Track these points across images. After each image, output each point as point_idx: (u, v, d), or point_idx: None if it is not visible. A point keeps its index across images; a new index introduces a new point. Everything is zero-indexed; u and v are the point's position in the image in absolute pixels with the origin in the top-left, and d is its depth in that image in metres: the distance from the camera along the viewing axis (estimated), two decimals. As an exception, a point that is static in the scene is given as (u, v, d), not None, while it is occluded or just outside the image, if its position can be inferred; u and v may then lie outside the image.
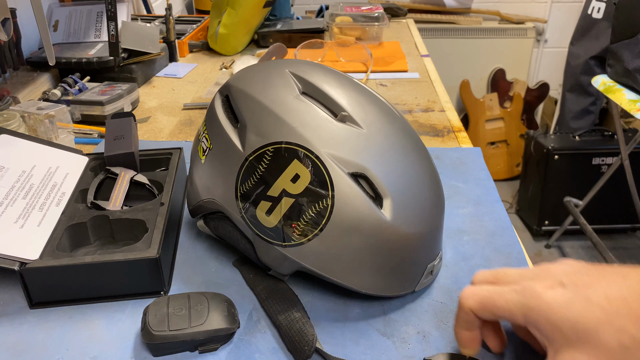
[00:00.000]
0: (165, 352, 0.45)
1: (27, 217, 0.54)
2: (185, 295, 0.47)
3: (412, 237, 0.47)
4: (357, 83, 0.51)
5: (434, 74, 1.18)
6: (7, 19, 0.85)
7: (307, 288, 0.53)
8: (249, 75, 0.52)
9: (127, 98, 0.95)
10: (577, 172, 2.05)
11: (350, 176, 0.45)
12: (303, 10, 2.34)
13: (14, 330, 0.49)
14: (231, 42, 1.30)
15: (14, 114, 0.75)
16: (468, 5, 2.57)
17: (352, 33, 1.37)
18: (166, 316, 0.45)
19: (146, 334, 0.44)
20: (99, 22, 1.13)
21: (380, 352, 0.46)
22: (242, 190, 0.48)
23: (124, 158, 0.64)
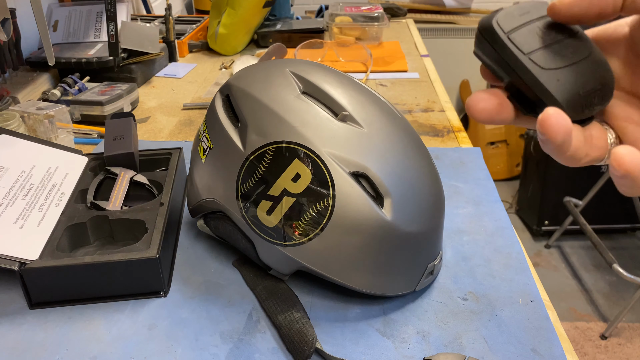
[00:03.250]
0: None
1: (26, 217, 0.54)
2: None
3: (412, 236, 0.47)
4: (357, 83, 0.51)
5: (434, 74, 1.18)
6: (7, 19, 0.84)
7: (307, 288, 0.53)
8: (250, 74, 0.52)
9: (126, 98, 0.95)
10: (576, 172, 2.05)
11: (351, 175, 0.45)
12: (303, 10, 2.34)
13: (14, 330, 0.49)
14: (231, 42, 1.30)
15: (14, 114, 0.75)
16: (468, 5, 2.57)
17: (352, 33, 1.37)
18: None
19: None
20: (98, 22, 1.13)
21: (380, 352, 0.46)
22: (242, 189, 0.48)
23: (124, 158, 0.64)
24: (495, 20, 0.28)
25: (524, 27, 0.28)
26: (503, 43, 0.27)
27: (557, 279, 1.96)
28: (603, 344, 1.67)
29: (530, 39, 0.27)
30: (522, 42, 0.27)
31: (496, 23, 0.28)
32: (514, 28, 0.28)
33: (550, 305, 0.52)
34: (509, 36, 0.27)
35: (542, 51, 0.27)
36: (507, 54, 0.27)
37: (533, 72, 0.27)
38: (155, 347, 0.47)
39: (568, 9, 0.27)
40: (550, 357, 0.45)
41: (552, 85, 0.27)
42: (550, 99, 0.27)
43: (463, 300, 0.51)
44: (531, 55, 0.27)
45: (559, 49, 0.28)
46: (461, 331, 0.48)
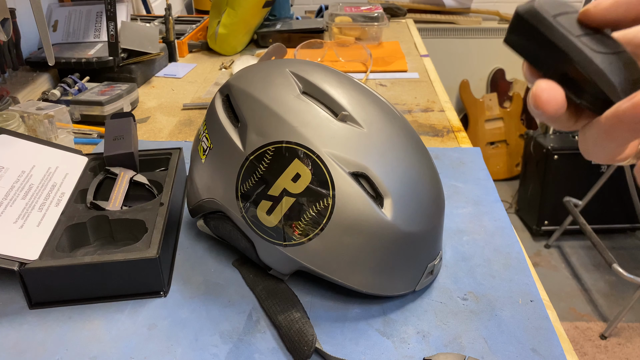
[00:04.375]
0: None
1: (26, 217, 0.54)
2: None
3: (412, 236, 0.47)
4: (357, 83, 0.51)
5: (434, 74, 1.18)
6: (7, 19, 0.84)
7: (307, 288, 0.53)
8: (250, 74, 0.52)
9: (126, 98, 0.95)
10: (576, 172, 2.05)
11: (351, 175, 0.45)
12: (302, 10, 2.34)
13: (14, 330, 0.49)
14: (231, 42, 1.30)
15: (14, 114, 0.75)
16: (467, 5, 2.57)
17: (352, 33, 1.37)
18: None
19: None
20: (98, 22, 1.13)
21: (380, 352, 0.46)
22: (242, 189, 0.48)
23: (124, 158, 0.64)
24: (537, 3, 0.27)
25: (564, 15, 0.27)
26: (551, 24, 0.26)
27: (557, 279, 1.96)
28: (603, 343, 1.67)
29: (575, 25, 0.27)
30: (569, 26, 0.26)
31: (540, 7, 0.27)
32: (557, 14, 0.27)
33: (550, 305, 0.52)
34: (556, 19, 0.26)
35: (590, 37, 0.26)
36: (557, 35, 0.26)
37: (587, 52, 0.26)
38: (155, 347, 0.47)
39: (603, 15, 0.26)
40: (550, 357, 0.45)
41: (606, 67, 0.26)
42: (605, 82, 0.26)
43: (463, 300, 0.51)
44: (582, 38, 0.26)
45: (600, 38, 0.27)
46: (461, 331, 0.48)
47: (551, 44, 0.26)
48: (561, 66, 0.26)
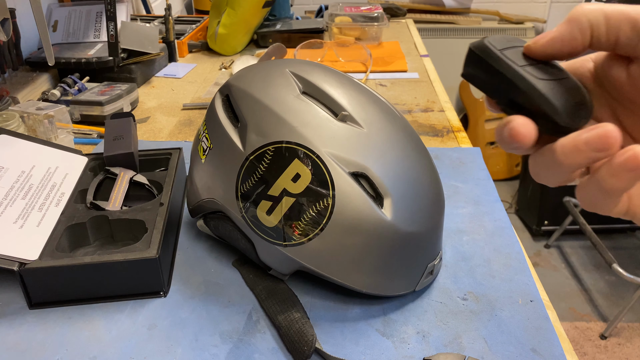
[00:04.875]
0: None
1: (26, 217, 0.54)
2: None
3: (412, 236, 0.47)
4: (357, 83, 0.51)
5: (434, 74, 1.18)
6: (7, 19, 0.84)
7: (307, 288, 0.53)
8: (250, 74, 0.52)
9: (126, 98, 0.95)
10: (576, 172, 2.05)
11: (351, 175, 0.45)
12: (302, 11, 2.34)
13: (14, 330, 0.49)
14: (230, 42, 1.30)
15: (13, 114, 0.75)
16: (467, 5, 2.57)
17: (352, 33, 1.37)
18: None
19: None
20: (98, 22, 1.13)
21: (380, 352, 0.46)
22: (242, 189, 0.48)
23: (124, 158, 0.64)
24: (487, 41, 0.30)
25: (511, 48, 0.30)
26: (498, 57, 0.29)
27: (557, 279, 1.96)
28: (603, 343, 1.67)
29: (520, 57, 0.30)
30: (514, 57, 0.30)
31: (489, 43, 0.30)
32: (504, 48, 0.30)
33: (550, 305, 0.52)
34: (502, 52, 0.30)
35: (533, 66, 0.29)
36: (504, 66, 0.29)
37: (530, 80, 0.28)
38: (155, 347, 0.47)
39: (543, 50, 0.29)
40: (550, 357, 0.45)
41: (549, 92, 0.28)
42: (549, 105, 0.28)
43: (463, 300, 0.51)
44: (525, 68, 0.29)
45: (544, 67, 0.30)
46: (461, 331, 0.48)
47: (499, 74, 0.29)
48: (510, 94, 0.29)
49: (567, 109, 0.28)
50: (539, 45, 0.29)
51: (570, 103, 0.29)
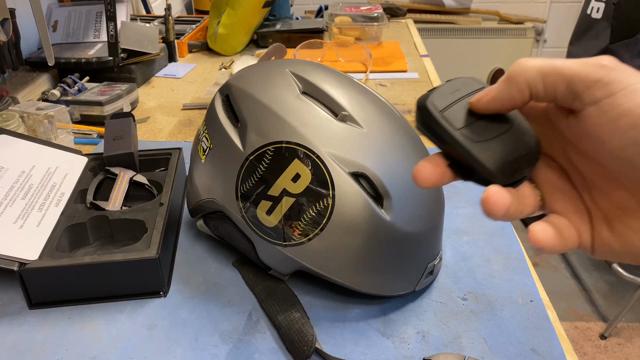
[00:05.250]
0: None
1: (26, 217, 0.54)
2: None
3: (412, 236, 0.47)
4: (357, 83, 0.51)
5: (434, 74, 1.18)
6: (7, 19, 0.84)
7: (307, 288, 0.53)
8: (250, 74, 0.52)
9: (126, 98, 0.95)
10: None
11: (351, 175, 0.45)
12: (302, 11, 2.34)
13: (13, 330, 0.49)
14: (230, 42, 1.30)
15: (13, 114, 0.75)
16: (467, 5, 2.57)
17: (352, 33, 1.37)
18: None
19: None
20: (98, 22, 1.13)
21: (380, 352, 0.46)
22: (242, 189, 0.48)
23: (123, 158, 0.64)
24: (429, 100, 0.31)
25: (454, 104, 0.31)
26: (437, 121, 0.31)
27: (557, 279, 1.96)
28: (603, 343, 1.67)
29: (461, 115, 0.31)
30: (453, 118, 0.31)
31: (430, 103, 0.31)
32: (446, 107, 0.31)
33: (550, 305, 0.52)
34: (442, 114, 0.31)
35: (472, 126, 0.31)
36: (442, 130, 0.30)
37: (465, 145, 0.30)
38: (155, 347, 0.47)
39: (486, 107, 0.30)
40: (550, 357, 0.45)
41: (482, 156, 0.30)
42: (482, 168, 0.30)
43: (463, 300, 0.51)
44: (462, 131, 0.30)
45: (486, 123, 0.31)
46: (461, 331, 0.48)
47: (439, 136, 0.31)
48: (452, 153, 0.31)
49: (502, 169, 0.30)
50: (482, 104, 0.31)
51: (507, 161, 0.30)
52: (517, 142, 0.31)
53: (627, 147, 0.27)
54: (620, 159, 0.27)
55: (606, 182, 0.30)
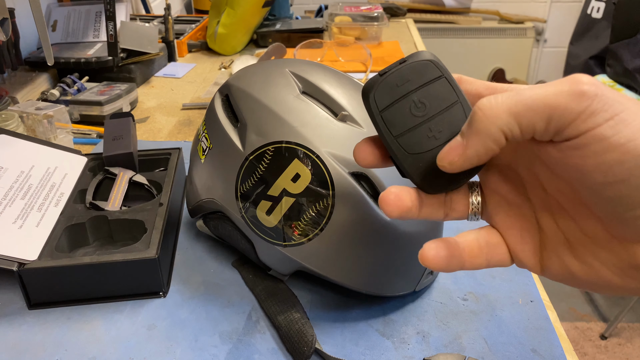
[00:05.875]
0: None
1: (25, 217, 0.54)
2: None
3: (412, 236, 0.47)
4: (357, 83, 0.51)
5: (434, 74, 1.18)
6: (6, 18, 0.84)
7: (307, 288, 0.53)
8: (249, 74, 0.52)
9: (125, 98, 0.95)
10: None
11: (351, 176, 0.45)
12: (302, 10, 2.34)
13: (13, 330, 0.49)
14: (230, 42, 1.30)
15: (13, 114, 0.74)
16: (467, 5, 2.57)
17: (352, 33, 1.37)
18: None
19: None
20: (97, 22, 1.13)
21: (380, 353, 0.46)
22: (242, 189, 0.47)
23: (123, 158, 0.64)
24: (372, 95, 0.29)
25: (398, 102, 0.29)
26: (376, 122, 0.29)
27: (557, 279, 1.96)
28: (603, 344, 1.67)
29: (401, 118, 0.29)
30: (393, 122, 0.29)
31: (372, 99, 0.29)
32: (388, 105, 0.29)
33: (550, 305, 0.52)
34: (382, 115, 0.29)
35: (410, 134, 0.29)
36: (380, 133, 0.29)
37: (399, 156, 0.29)
38: (154, 347, 0.47)
39: (461, 167, 0.28)
40: (550, 357, 0.45)
41: (414, 169, 0.29)
42: (413, 180, 0.30)
43: (463, 301, 0.51)
44: (399, 139, 0.29)
45: (427, 129, 0.29)
46: (461, 331, 0.48)
47: (378, 133, 0.30)
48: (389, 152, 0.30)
49: (433, 184, 0.29)
50: (456, 166, 0.27)
51: (441, 175, 0.29)
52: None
53: (610, 184, 0.24)
54: (600, 194, 0.25)
55: (576, 208, 0.27)
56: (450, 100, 0.29)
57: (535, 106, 0.25)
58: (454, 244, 0.29)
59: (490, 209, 0.31)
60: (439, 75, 0.29)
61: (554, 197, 0.28)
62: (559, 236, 0.29)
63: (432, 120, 0.29)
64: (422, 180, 0.29)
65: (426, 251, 0.29)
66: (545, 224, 0.29)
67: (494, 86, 0.30)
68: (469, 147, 0.26)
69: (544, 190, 0.29)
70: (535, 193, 0.29)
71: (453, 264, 0.29)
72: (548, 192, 0.29)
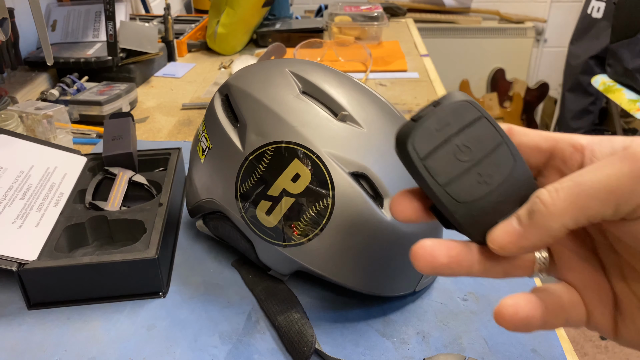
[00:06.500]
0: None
1: (25, 217, 0.54)
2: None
3: (412, 236, 0.47)
4: (357, 82, 0.51)
5: (434, 74, 1.18)
6: (5, 18, 0.84)
7: (307, 288, 0.53)
8: (249, 74, 0.52)
9: (125, 98, 0.95)
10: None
11: (351, 176, 0.45)
12: (302, 10, 2.33)
13: (12, 331, 0.49)
14: (230, 42, 1.30)
15: (12, 114, 0.74)
16: (468, 5, 2.57)
17: (352, 33, 1.37)
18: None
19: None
20: (97, 22, 1.13)
21: (380, 353, 0.46)
22: (242, 189, 0.47)
23: (123, 158, 0.64)
24: (410, 141, 0.26)
25: (441, 148, 0.26)
26: (418, 172, 0.26)
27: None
28: (603, 344, 1.67)
29: (447, 164, 0.26)
30: (437, 170, 0.26)
31: (411, 146, 0.26)
32: (430, 152, 0.26)
33: (551, 306, 0.51)
34: (424, 163, 0.26)
35: (459, 181, 0.26)
36: (424, 183, 0.26)
37: (449, 207, 0.26)
38: (154, 347, 0.47)
39: (511, 253, 0.25)
40: (551, 357, 0.45)
41: (468, 220, 0.26)
42: (466, 232, 0.27)
43: (463, 301, 0.51)
44: (447, 187, 0.26)
45: (476, 175, 0.26)
46: (461, 332, 0.48)
47: (420, 184, 0.27)
48: (433, 203, 0.27)
49: (482, 237, 0.26)
50: (507, 253, 0.25)
51: (485, 229, 0.26)
52: (513, 198, 0.26)
53: None
54: None
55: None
56: (494, 141, 0.27)
57: (599, 195, 0.23)
58: (544, 302, 0.26)
59: (561, 265, 0.28)
60: (478, 116, 0.27)
61: (625, 259, 0.26)
62: (633, 300, 0.26)
63: (479, 165, 0.26)
64: (477, 231, 0.26)
65: (511, 307, 0.25)
66: (618, 286, 0.27)
67: (552, 137, 0.27)
68: (526, 239, 0.24)
69: (614, 250, 0.27)
70: (605, 252, 0.27)
71: (534, 324, 0.26)
72: (618, 252, 0.27)
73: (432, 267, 0.26)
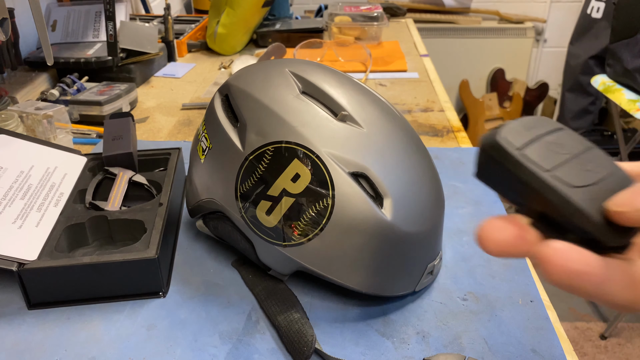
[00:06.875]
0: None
1: (25, 217, 0.54)
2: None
3: (412, 236, 0.47)
4: (357, 82, 0.51)
5: (433, 74, 1.18)
6: (5, 18, 0.84)
7: (307, 288, 0.53)
8: (249, 74, 0.52)
9: (125, 98, 0.95)
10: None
11: (351, 176, 0.45)
12: (302, 10, 2.34)
13: (12, 331, 0.49)
14: (230, 42, 1.30)
15: (12, 114, 0.74)
16: (467, 5, 2.57)
17: (351, 33, 1.37)
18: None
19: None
20: (97, 22, 1.13)
21: (380, 353, 0.46)
22: (242, 189, 0.47)
23: (123, 158, 0.64)
24: (500, 136, 0.24)
25: (535, 142, 0.24)
26: (517, 161, 0.23)
27: (557, 279, 1.95)
28: (603, 344, 1.67)
29: (547, 154, 0.24)
30: (538, 158, 0.23)
31: (504, 139, 0.24)
32: (525, 144, 0.24)
33: (550, 306, 0.52)
34: (522, 152, 0.23)
35: (565, 167, 0.23)
36: (526, 173, 0.23)
37: (562, 191, 0.22)
38: (154, 347, 0.47)
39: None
40: (550, 357, 0.45)
41: (586, 204, 0.22)
42: (586, 221, 0.22)
43: (463, 301, 0.51)
44: (555, 172, 0.23)
45: (581, 164, 0.24)
46: (461, 331, 0.48)
47: (521, 181, 0.23)
48: (537, 205, 0.23)
49: (611, 223, 0.22)
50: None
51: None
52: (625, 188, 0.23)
53: None
54: None
55: None
56: (585, 144, 0.25)
57: None
58: None
59: None
60: (560, 126, 0.26)
61: None
62: None
63: (579, 158, 0.24)
64: (602, 218, 0.22)
65: None
66: None
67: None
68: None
69: None
70: None
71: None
72: None
73: (568, 276, 0.23)
